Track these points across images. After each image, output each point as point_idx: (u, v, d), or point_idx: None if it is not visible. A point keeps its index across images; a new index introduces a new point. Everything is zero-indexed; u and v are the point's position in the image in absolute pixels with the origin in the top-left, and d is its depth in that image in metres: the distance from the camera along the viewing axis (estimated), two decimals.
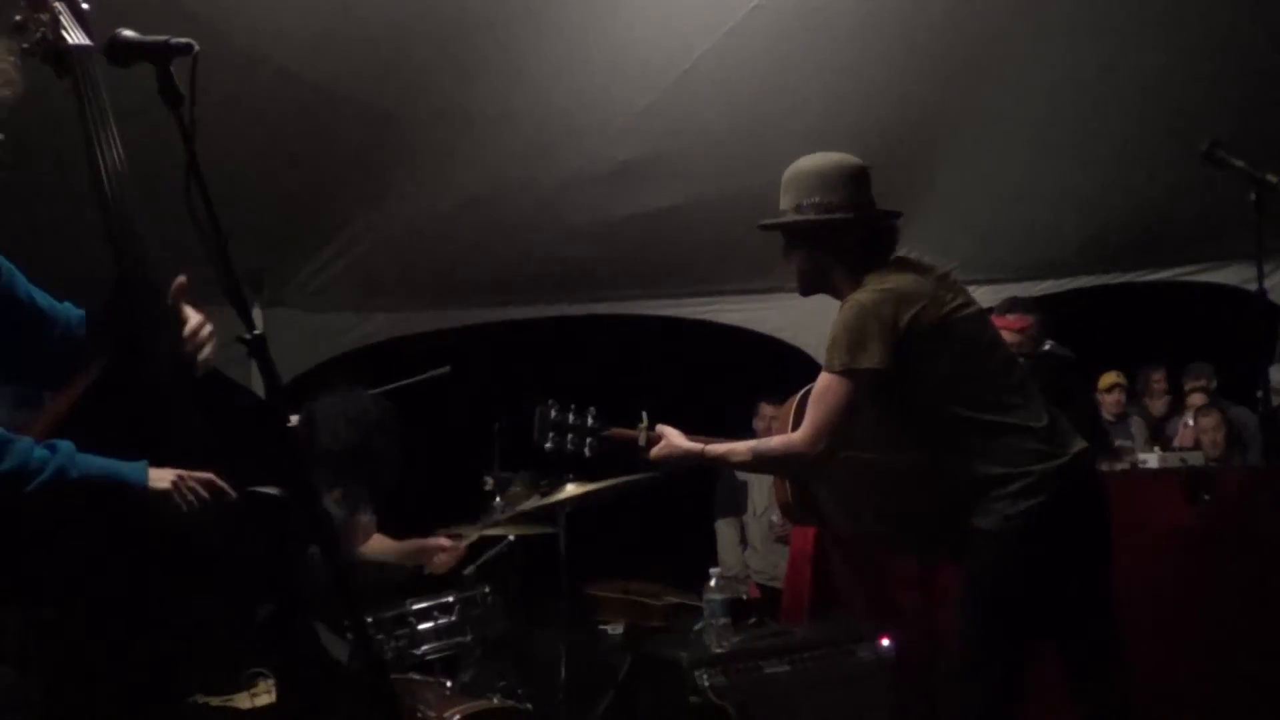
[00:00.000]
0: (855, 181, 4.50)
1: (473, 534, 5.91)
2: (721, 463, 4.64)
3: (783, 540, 8.37)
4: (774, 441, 4.60)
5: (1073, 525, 4.27)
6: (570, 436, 4.62)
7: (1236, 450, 8.99)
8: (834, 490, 4.96)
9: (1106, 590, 4.41)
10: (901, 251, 8.73)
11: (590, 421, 4.66)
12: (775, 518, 8.64)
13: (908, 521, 4.92)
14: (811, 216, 4.47)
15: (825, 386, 4.32)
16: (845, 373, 4.25)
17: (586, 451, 4.66)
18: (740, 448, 4.59)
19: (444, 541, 5.85)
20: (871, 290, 4.31)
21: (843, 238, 4.46)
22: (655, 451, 4.62)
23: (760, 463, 4.63)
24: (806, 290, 4.66)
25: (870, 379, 4.24)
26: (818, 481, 4.98)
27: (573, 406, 4.64)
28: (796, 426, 4.54)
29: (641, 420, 4.68)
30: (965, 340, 4.36)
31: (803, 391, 5.03)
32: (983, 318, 4.52)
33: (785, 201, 4.56)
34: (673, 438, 4.62)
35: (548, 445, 4.63)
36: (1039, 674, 4.35)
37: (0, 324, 3.32)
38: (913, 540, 5.26)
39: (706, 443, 4.63)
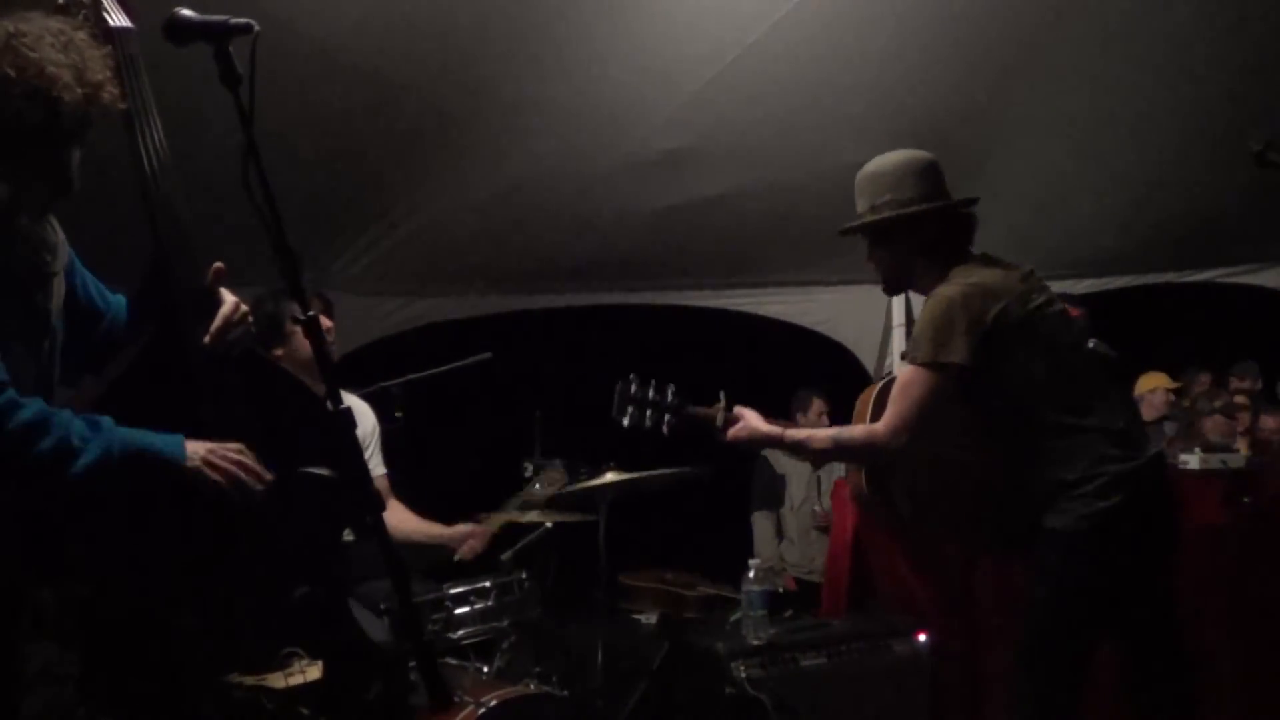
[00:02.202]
0: (925, 175, 4.51)
1: (497, 521, 5.92)
2: (799, 449, 4.59)
3: (823, 530, 8.37)
4: (856, 431, 4.59)
5: (1144, 528, 4.25)
6: (649, 413, 4.55)
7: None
8: (907, 480, 4.93)
9: (1172, 594, 4.40)
10: None
11: (669, 399, 4.59)
12: (817, 508, 8.65)
13: (978, 516, 4.89)
14: (887, 214, 4.48)
15: (910, 379, 4.32)
16: (930, 366, 4.25)
17: (664, 429, 4.59)
18: (820, 435, 4.59)
19: (469, 529, 5.85)
20: (958, 284, 4.31)
21: (921, 232, 4.46)
22: (733, 433, 4.58)
23: (840, 451, 4.61)
24: (891, 290, 4.70)
25: (955, 374, 4.24)
26: (892, 471, 4.95)
27: (653, 382, 4.58)
28: (876, 417, 4.54)
29: (719, 400, 4.65)
30: (1049, 339, 4.34)
31: (882, 383, 5.02)
32: (1066, 317, 4.49)
33: (861, 205, 4.59)
34: (751, 420, 4.59)
35: (626, 421, 4.55)
36: (1094, 676, 4.33)
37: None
38: (981, 536, 5.23)
39: (785, 427, 4.61)
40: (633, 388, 4.59)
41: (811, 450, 4.58)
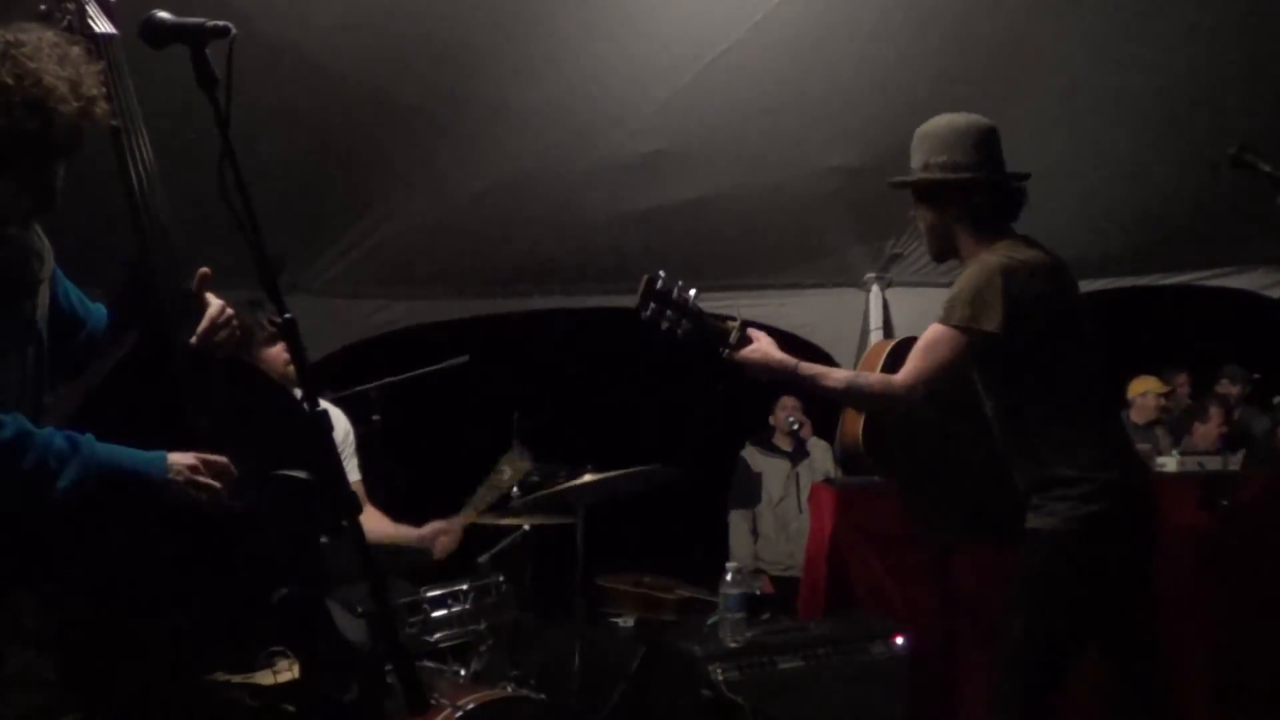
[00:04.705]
0: (983, 142, 4.46)
1: (467, 515, 5.90)
2: (810, 383, 4.41)
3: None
4: (872, 378, 4.51)
5: (1128, 536, 4.26)
6: (669, 312, 4.40)
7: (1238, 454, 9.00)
8: (903, 443, 4.87)
9: (1153, 601, 4.40)
10: (917, 250, 8.80)
11: (690, 303, 4.43)
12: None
13: (963, 494, 4.86)
14: (938, 175, 4.43)
15: (938, 338, 4.26)
16: (962, 329, 4.20)
17: (679, 332, 4.44)
18: (836, 374, 4.46)
19: (440, 524, 5.84)
20: (1005, 256, 4.27)
21: (969, 198, 4.41)
22: (745, 353, 4.44)
23: (852, 395, 4.46)
24: (937, 254, 4.60)
25: (985, 341, 4.19)
26: (891, 430, 4.87)
27: (679, 283, 4.45)
28: (887, 372, 4.49)
29: (735, 319, 4.56)
30: (1076, 332, 4.35)
31: (896, 340, 4.96)
32: (1091, 315, 4.48)
33: (915, 160, 4.52)
34: (764, 344, 4.47)
35: (646, 314, 4.40)
36: (1074, 679, 4.33)
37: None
38: (959, 517, 5.21)
39: (799, 360, 4.52)
40: (659, 283, 4.43)
41: (823, 387, 4.40)
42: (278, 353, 5.33)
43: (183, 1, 3.24)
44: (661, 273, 4.44)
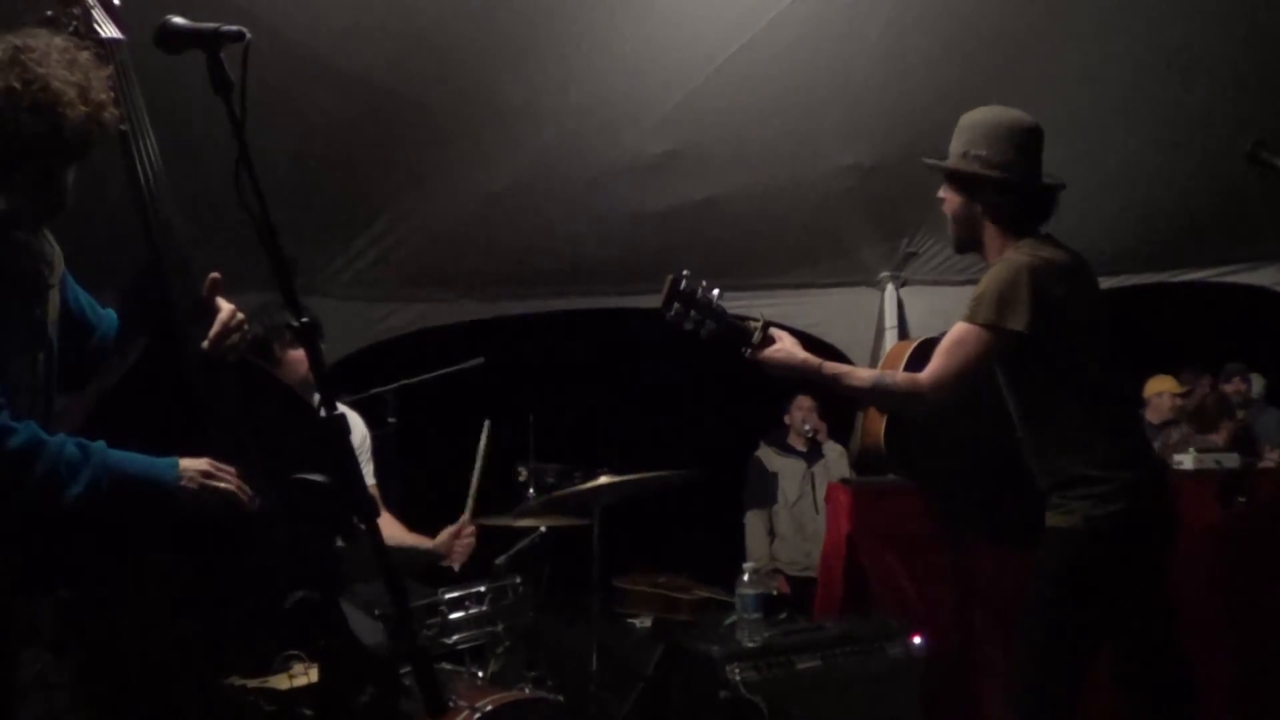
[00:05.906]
0: (1023, 145, 4.44)
1: (470, 515, 5.89)
2: (835, 382, 4.41)
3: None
4: (898, 377, 4.47)
5: (1146, 535, 4.25)
6: (693, 313, 4.38)
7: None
8: (926, 443, 4.85)
9: (1170, 598, 4.38)
10: (931, 248, 8.79)
11: (714, 303, 4.41)
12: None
13: (983, 494, 4.84)
14: (975, 168, 4.42)
15: (963, 336, 4.25)
16: (989, 327, 4.20)
17: (702, 333, 4.41)
18: (861, 373, 4.49)
19: (450, 529, 5.83)
20: (1030, 255, 4.27)
21: (1000, 197, 4.40)
22: (769, 353, 4.44)
23: (878, 394, 4.46)
24: (959, 244, 4.60)
25: (1011, 340, 4.19)
26: (914, 430, 4.85)
27: (703, 282, 4.43)
28: (910, 371, 4.47)
29: (759, 318, 4.54)
30: (1096, 332, 4.35)
31: (919, 340, 4.94)
32: (1108, 316, 4.47)
33: (954, 146, 4.51)
34: (788, 343, 4.47)
35: (670, 314, 4.39)
36: (1093, 676, 4.32)
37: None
38: (979, 517, 5.19)
39: (823, 360, 4.48)
40: (683, 284, 4.40)
41: (849, 387, 4.40)
42: (302, 356, 5.31)
43: (191, 5, 3.25)
44: (685, 272, 4.42)
